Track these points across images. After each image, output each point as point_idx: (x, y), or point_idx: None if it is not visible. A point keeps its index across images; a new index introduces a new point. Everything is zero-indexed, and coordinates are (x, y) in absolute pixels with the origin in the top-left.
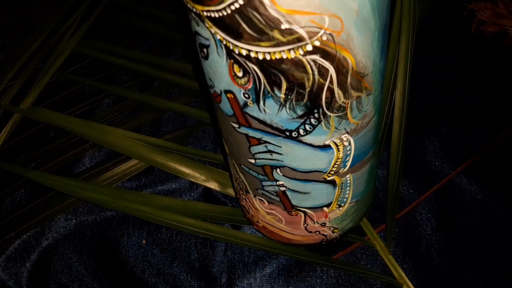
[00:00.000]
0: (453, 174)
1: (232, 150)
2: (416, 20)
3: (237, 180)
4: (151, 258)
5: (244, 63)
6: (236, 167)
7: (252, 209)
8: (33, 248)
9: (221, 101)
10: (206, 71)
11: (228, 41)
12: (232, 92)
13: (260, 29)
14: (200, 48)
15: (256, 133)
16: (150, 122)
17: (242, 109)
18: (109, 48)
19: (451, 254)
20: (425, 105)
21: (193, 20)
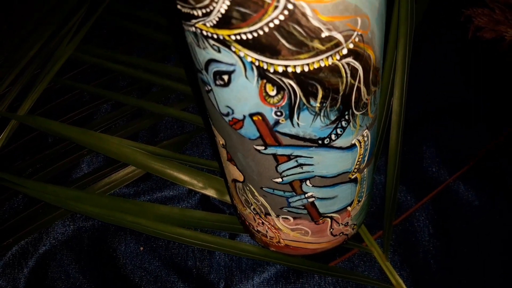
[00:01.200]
0: (450, 180)
1: (251, 176)
2: (413, 28)
3: (252, 205)
4: (148, 265)
5: (279, 80)
6: (254, 192)
7: (272, 231)
8: (30, 254)
9: (242, 126)
10: (220, 99)
11: (261, 61)
12: (260, 113)
13: (300, 42)
14: (217, 76)
15: (286, 149)
16: (148, 128)
17: (272, 129)
18: (107, 53)
19: (448, 260)
20: (422, 111)
21: (210, 48)
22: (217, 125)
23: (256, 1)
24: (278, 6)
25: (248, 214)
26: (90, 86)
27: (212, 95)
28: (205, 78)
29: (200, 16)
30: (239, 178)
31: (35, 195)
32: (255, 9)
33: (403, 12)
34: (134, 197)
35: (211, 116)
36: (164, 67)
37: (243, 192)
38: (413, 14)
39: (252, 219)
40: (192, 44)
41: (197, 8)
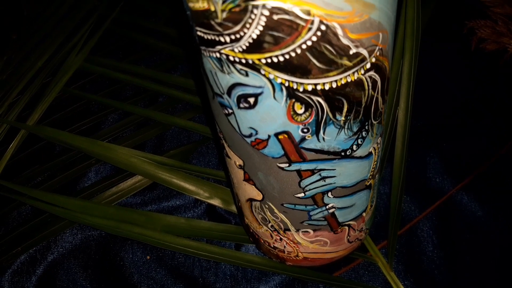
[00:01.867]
0: (454, 190)
1: (271, 193)
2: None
3: (270, 223)
4: (155, 274)
5: (308, 98)
6: (273, 209)
7: (290, 246)
8: (39, 262)
9: (266, 146)
10: (243, 121)
11: (292, 82)
12: (286, 132)
13: (330, 60)
14: (241, 100)
15: (310, 164)
16: (155, 137)
17: (298, 146)
18: (115, 64)
19: (452, 270)
20: (426, 122)
21: (236, 72)
22: (235, 147)
23: (290, 25)
24: (312, 28)
25: (265, 232)
26: (98, 96)
27: (233, 118)
28: (226, 102)
29: (228, 42)
30: (257, 197)
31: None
32: (288, 32)
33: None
34: (141, 206)
35: (228, 138)
36: (171, 77)
37: (260, 211)
38: (419, 29)
39: (268, 237)
40: (212, 69)
41: (224, 34)
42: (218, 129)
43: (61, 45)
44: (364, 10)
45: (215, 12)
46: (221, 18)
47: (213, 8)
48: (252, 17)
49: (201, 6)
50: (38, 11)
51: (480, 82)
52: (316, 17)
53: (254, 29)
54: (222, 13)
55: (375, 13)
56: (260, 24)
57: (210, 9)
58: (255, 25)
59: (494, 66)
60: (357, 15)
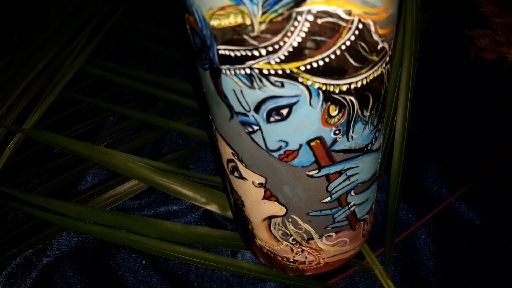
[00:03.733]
0: (452, 199)
1: (297, 205)
2: (417, 49)
3: (292, 236)
4: (150, 279)
5: (342, 99)
6: (297, 221)
7: (312, 255)
8: (34, 265)
9: (296, 156)
10: (271, 136)
11: (329, 85)
12: (319, 137)
13: (363, 57)
14: (273, 113)
15: (338, 166)
16: (153, 141)
17: (329, 149)
18: (115, 67)
19: (449, 279)
20: (424, 130)
21: (270, 85)
22: (257, 165)
23: (333, 27)
24: (351, 27)
25: (284, 247)
26: (96, 99)
27: (259, 135)
28: (252, 119)
29: (263, 55)
30: (279, 213)
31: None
32: (330, 35)
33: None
34: (138, 210)
35: (247, 158)
36: (170, 81)
37: (281, 227)
38: (418, 37)
39: (288, 252)
40: (236, 88)
41: (260, 48)
42: (231, 151)
43: (62, 48)
44: (389, 5)
45: (251, 26)
46: (258, 31)
47: (249, 22)
48: (295, 25)
49: (231, 22)
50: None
51: (479, 93)
52: (356, 16)
53: (296, 36)
54: (260, 25)
55: (395, 7)
56: (303, 30)
57: (244, 23)
58: (297, 33)
59: (494, 76)
60: (385, 11)
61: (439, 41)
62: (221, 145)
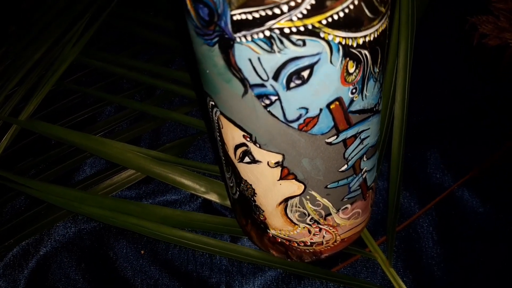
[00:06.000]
0: (455, 186)
1: (316, 179)
2: (414, 30)
3: (309, 216)
4: (148, 269)
5: (359, 54)
6: (316, 197)
7: (329, 233)
8: (31, 255)
9: (316, 122)
10: (291, 104)
11: (348, 38)
12: (338, 98)
13: (375, 9)
14: (293, 77)
15: (354, 129)
16: (151, 131)
17: (347, 111)
18: (112, 57)
19: (452, 267)
20: (426, 118)
21: (291, 46)
22: (274, 142)
23: None
24: None
25: (301, 231)
26: (93, 89)
27: (277, 106)
28: (270, 89)
29: (285, 12)
30: (297, 191)
31: (38, 196)
32: None
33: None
34: (136, 200)
35: (263, 136)
36: (168, 70)
37: (298, 207)
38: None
39: (305, 235)
40: (253, 56)
41: (282, 4)
42: (242, 134)
43: (59, 38)
44: None
45: None
46: None
47: None
48: None
49: None
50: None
51: (483, 78)
52: None
53: None
54: None
55: None
56: None
57: None
58: None
59: (496, 62)
60: None
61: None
62: (227, 131)
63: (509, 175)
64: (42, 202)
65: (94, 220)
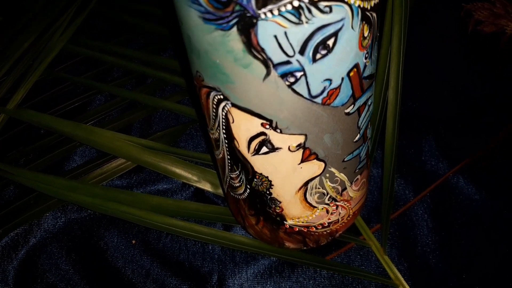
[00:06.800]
0: (450, 173)
1: (335, 153)
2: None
3: (328, 195)
4: (139, 259)
5: (371, 17)
6: (334, 173)
7: (344, 208)
8: (20, 246)
9: (338, 93)
10: (316, 77)
11: (364, 1)
12: (356, 65)
13: None
14: (319, 48)
15: (365, 95)
16: (142, 120)
17: (361, 77)
18: (102, 45)
19: (447, 255)
20: (421, 105)
21: (319, 14)
22: (297, 122)
23: None
24: None
25: (320, 213)
26: (83, 78)
27: (302, 82)
28: (296, 65)
29: None
30: (318, 171)
31: (27, 184)
32: None
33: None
34: (127, 189)
35: (286, 118)
36: (159, 58)
37: (318, 188)
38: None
39: (324, 216)
40: (278, 32)
41: None
42: (261, 122)
43: (48, 27)
44: None
45: None
46: None
47: None
48: None
49: None
50: None
51: (478, 65)
52: None
53: None
54: None
55: None
56: None
57: None
58: None
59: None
60: None
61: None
62: (240, 124)
63: (504, 162)
64: (31, 192)
65: (84, 210)
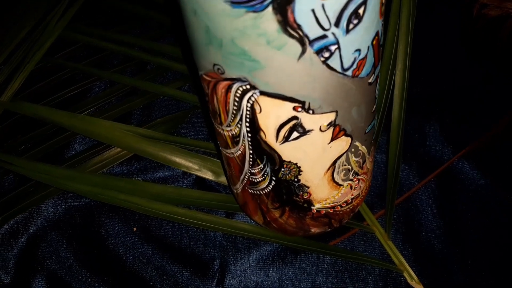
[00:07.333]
0: (455, 158)
1: (359, 126)
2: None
3: (352, 170)
4: (141, 246)
5: None
6: (358, 147)
7: (363, 181)
8: (20, 233)
9: (365, 63)
10: (348, 49)
11: None
12: (377, 32)
13: None
14: (352, 16)
15: (379, 64)
16: (142, 107)
17: (379, 43)
18: (101, 32)
19: (452, 240)
20: (426, 90)
21: None
22: (329, 99)
23: None
24: None
25: (345, 190)
26: (82, 64)
27: (336, 56)
28: (331, 38)
29: None
30: (345, 147)
31: (26, 174)
32: None
33: None
34: (127, 176)
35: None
36: (159, 45)
37: (344, 165)
38: None
39: (348, 193)
40: (318, 3)
41: None
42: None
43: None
44: None
45: None
46: None
47: None
48: None
49: None
50: None
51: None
52: None
53: None
54: None
55: None
56: None
57: None
58: None
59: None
60: None
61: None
62: (270, 113)
63: (509, 146)
64: (30, 179)
65: (85, 197)
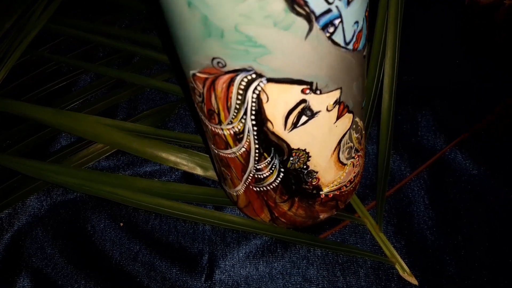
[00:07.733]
0: (447, 149)
1: (358, 101)
2: None
3: (354, 147)
4: (128, 241)
5: None
6: (357, 122)
7: (361, 158)
8: (5, 230)
9: (362, 35)
10: (350, 21)
11: None
12: (368, 3)
13: None
14: None
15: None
16: (129, 100)
17: (368, 17)
18: (87, 25)
19: (444, 231)
20: (417, 79)
21: None
22: (334, 76)
23: None
24: None
25: (349, 169)
26: (67, 57)
27: (340, 30)
28: (335, 11)
29: None
30: (348, 124)
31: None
32: None
33: None
34: (114, 171)
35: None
36: (146, 37)
37: (348, 143)
38: None
39: (351, 172)
40: None
41: None
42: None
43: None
44: None
45: None
46: None
47: None
48: None
49: None
50: None
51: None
52: None
53: None
54: None
55: None
56: None
57: None
58: None
59: (489, 20)
60: None
61: None
62: (277, 100)
63: (502, 136)
64: (15, 174)
65: (70, 193)
